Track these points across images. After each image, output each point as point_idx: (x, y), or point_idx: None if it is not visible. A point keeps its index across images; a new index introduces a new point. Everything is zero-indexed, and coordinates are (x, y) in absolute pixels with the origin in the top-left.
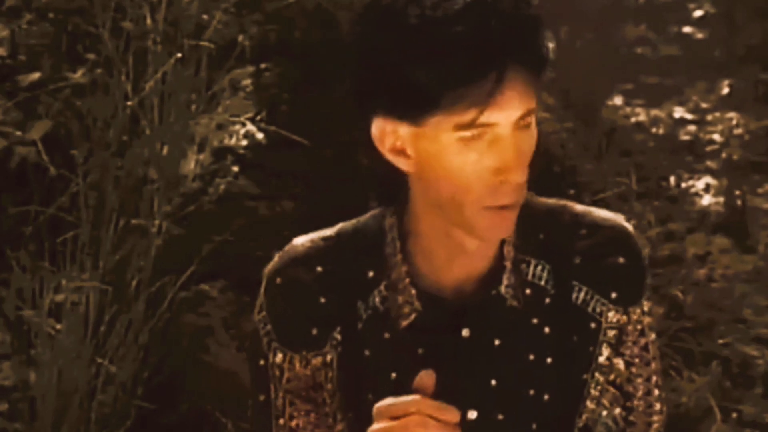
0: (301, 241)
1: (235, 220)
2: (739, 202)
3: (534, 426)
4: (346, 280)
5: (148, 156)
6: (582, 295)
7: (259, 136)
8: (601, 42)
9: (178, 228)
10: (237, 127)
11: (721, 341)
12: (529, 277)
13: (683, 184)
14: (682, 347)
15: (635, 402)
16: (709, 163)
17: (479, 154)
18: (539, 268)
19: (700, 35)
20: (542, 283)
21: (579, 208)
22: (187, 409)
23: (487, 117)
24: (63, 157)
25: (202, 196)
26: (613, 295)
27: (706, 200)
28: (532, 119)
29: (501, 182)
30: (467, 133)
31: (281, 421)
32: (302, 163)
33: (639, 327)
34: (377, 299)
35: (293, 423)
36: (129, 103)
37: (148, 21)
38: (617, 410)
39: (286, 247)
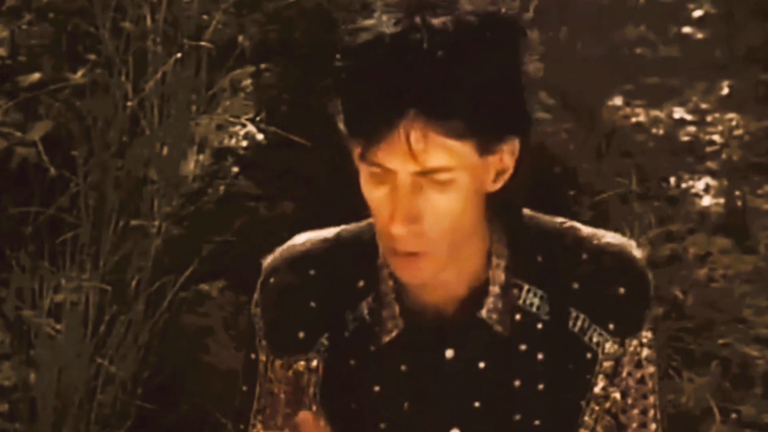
0: (300, 240)
1: (235, 220)
2: (739, 203)
3: None
4: (337, 287)
5: (148, 156)
6: (579, 322)
7: (259, 136)
8: (601, 42)
9: (178, 228)
10: (237, 127)
11: (721, 341)
12: (520, 302)
13: (683, 185)
14: (682, 347)
15: None
16: (709, 163)
17: (382, 194)
18: (531, 293)
19: (700, 35)
20: (534, 309)
21: (584, 231)
22: (187, 409)
23: (381, 159)
24: (63, 157)
25: (202, 196)
26: (611, 326)
27: (707, 201)
28: (452, 177)
29: (390, 229)
30: (368, 168)
31: (259, 417)
32: (302, 163)
33: (636, 358)
34: (365, 310)
35: (271, 422)
36: (129, 103)
37: (148, 21)
38: None
39: (286, 244)
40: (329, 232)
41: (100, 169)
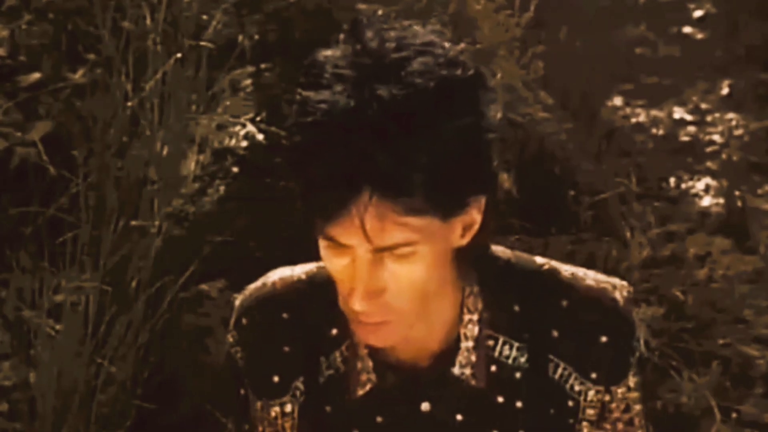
0: (273, 279)
1: (235, 220)
2: (739, 203)
3: None
4: (311, 333)
5: (148, 156)
6: (560, 370)
7: (259, 136)
8: (601, 42)
9: (178, 228)
10: (237, 127)
11: (721, 341)
12: (496, 353)
13: (683, 185)
14: (682, 347)
15: None
16: (709, 164)
17: (342, 266)
18: (507, 346)
19: (700, 35)
20: (510, 361)
21: (565, 273)
22: (187, 409)
23: (337, 237)
24: (63, 157)
25: (202, 196)
26: (593, 375)
27: (706, 201)
28: (414, 250)
29: (351, 304)
30: (326, 242)
31: None
32: None
33: (624, 404)
34: (339, 359)
35: None
36: (129, 103)
37: (148, 21)
38: None
39: (258, 282)
40: (303, 270)
41: (100, 169)
